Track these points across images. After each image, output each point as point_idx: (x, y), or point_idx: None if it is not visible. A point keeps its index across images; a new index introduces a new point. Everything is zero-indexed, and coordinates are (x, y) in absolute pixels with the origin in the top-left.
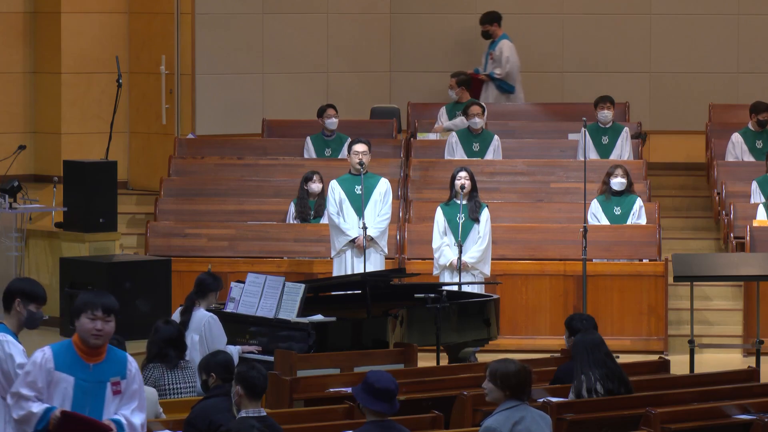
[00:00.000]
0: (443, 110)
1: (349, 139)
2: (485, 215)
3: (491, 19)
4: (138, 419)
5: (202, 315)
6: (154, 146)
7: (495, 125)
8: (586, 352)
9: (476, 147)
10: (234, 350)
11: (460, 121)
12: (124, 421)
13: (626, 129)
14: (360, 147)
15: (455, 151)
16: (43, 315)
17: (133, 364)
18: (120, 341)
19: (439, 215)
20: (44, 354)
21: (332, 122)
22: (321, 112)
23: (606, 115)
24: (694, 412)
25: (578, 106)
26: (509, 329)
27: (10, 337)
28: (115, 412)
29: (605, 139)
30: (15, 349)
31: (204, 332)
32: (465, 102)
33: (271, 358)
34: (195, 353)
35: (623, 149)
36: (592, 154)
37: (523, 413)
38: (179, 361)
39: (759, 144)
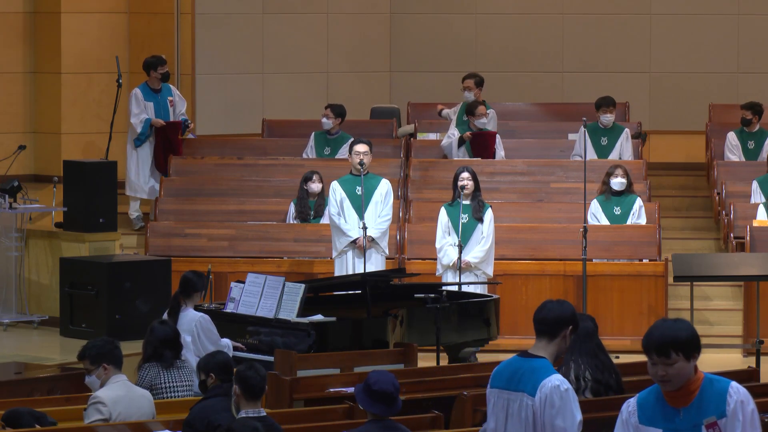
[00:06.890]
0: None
1: (352, 139)
2: (489, 215)
3: (160, 61)
4: None
5: (192, 316)
6: None
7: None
8: (578, 340)
9: None
10: (227, 343)
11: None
12: None
13: (626, 130)
14: (361, 147)
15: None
16: None
17: (733, 397)
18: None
19: (443, 215)
20: (629, 407)
21: (326, 123)
22: None
23: (609, 118)
24: None
25: (578, 106)
26: (509, 329)
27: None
28: None
29: (604, 140)
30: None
31: (196, 333)
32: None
33: (271, 358)
34: (188, 354)
35: (623, 150)
36: (590, 155)
37: None
38: (175, 360)
39: (751, 144)
